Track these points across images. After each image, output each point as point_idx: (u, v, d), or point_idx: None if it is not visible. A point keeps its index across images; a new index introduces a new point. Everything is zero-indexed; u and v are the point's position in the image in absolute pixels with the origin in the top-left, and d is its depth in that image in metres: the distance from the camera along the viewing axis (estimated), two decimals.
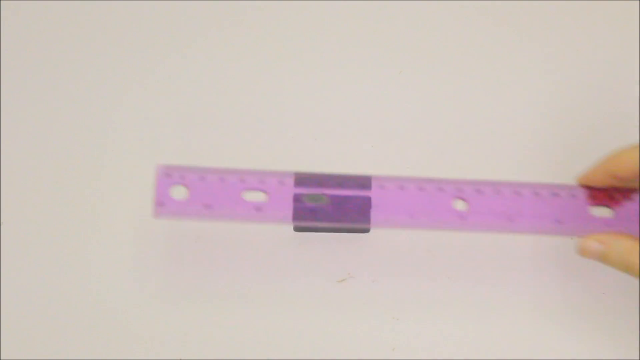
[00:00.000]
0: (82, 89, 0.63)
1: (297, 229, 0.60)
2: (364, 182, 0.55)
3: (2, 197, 0.60)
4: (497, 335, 0.59)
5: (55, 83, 0.63)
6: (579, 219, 0.54)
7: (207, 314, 0.58)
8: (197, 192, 0.53)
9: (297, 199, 0.55)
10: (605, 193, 0.55)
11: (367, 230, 0.60)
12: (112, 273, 0.59)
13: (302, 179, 0.55)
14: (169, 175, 0.53)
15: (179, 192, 0.54)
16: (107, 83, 0.63)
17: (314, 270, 0.60)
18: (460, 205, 0.55)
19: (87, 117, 0.62)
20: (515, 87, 0.66)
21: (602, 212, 0.56)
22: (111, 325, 0.57)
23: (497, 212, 0.55)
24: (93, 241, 0.59)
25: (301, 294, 0.59)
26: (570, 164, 0.63)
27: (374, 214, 0.55)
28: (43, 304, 0.57)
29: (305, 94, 0.64)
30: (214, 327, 0.58)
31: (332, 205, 0.55)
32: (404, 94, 0.65)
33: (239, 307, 0.58)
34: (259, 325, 0.58)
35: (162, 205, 0.53)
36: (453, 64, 0.66)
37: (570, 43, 0.67)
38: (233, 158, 0.62)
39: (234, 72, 0.65)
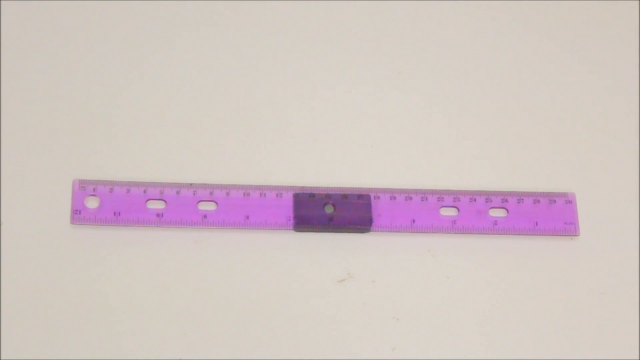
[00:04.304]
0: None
1: (298, 228, 0.60)
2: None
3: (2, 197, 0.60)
4: (496, 335, 0.59)
5: None
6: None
7: (207, 314, 0.58)
8: (107, 202, 0.59)
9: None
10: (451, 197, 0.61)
11: (367, 230, 0.60)
12: (111, 273, 0.59)
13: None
14: (83, 187, 0.59)
15: (92, 202, 0.60)
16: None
17: (314, 270, 0.60)
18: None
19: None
20: (515, 87, 0.66)
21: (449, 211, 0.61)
22: (111, 325, 0.57)
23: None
24: (100, 242, 0.59)
25: (301, 294, 0.59)
26: (569, 165, 0.63)
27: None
28: (43, 303, 0.57)
29: (305, 94, 0.64)
30: (214, 327, 0.58)
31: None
32: (404, 94, 0.65)
33: (239, 307, 0.58)
34: (259, 325, 0.58)
35: (78, 213, 0.59)
36: (453, 65, 0.66)
37: (571, 43, 0.67)
38: (241, 157, 0.62)
39: (233, 70, 0.65)
